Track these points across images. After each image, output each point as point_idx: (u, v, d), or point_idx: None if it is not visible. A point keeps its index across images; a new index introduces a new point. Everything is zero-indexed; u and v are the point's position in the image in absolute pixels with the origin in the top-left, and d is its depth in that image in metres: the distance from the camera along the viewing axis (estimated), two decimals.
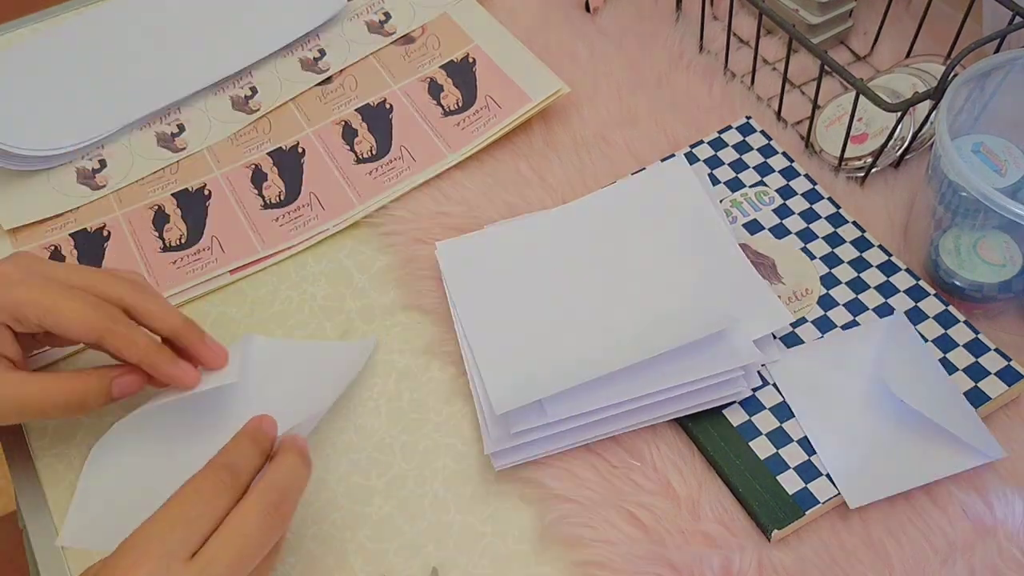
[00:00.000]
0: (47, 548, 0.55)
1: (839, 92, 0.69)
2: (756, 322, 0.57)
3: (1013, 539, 0.50)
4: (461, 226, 0.66)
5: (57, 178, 0.72)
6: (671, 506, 0.53)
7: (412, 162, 0.70)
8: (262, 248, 0.67)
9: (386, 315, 0.64)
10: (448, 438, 0.58)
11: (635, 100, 0.73)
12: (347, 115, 0.74)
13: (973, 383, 0.54)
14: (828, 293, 0.59)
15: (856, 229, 0.62)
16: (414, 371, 0.61)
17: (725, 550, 0.51)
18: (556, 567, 0.52)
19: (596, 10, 0.80)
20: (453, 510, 0.55)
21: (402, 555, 0.53)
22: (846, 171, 0.66)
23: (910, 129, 0.64)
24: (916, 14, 0.73)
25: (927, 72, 0.67)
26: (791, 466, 0.53)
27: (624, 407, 0.54)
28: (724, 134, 0.68)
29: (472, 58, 0.76)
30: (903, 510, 0.52)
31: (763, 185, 0.65)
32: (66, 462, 0.58)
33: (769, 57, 0.74)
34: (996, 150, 0.60)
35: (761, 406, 0.55)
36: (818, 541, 0.51)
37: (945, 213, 0.57)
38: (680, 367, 0.54)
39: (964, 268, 0.58)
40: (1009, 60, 0.57)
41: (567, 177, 0.68)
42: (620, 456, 0.55)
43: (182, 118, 0.76)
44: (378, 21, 0.80)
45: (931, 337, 0.57)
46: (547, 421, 0.53)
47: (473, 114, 0.72)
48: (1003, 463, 0.53)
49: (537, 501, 0.54)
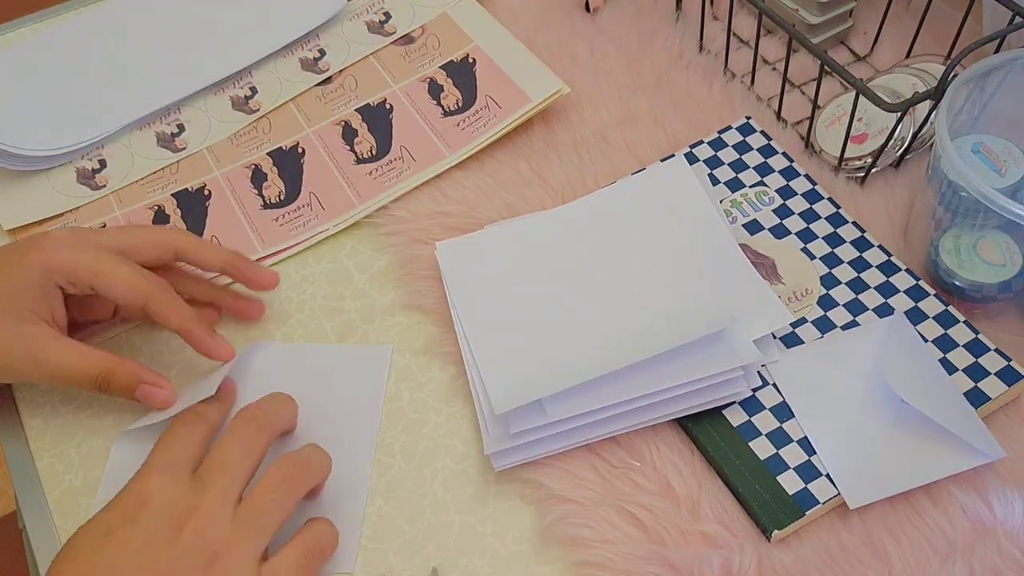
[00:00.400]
0: (47, 548, 0.55)
1: (839, 92, 0.69)
2: (756, 322, 0.57)
3: (1013, 539, 0.50)
4: (461, 226, 0.66)
5: (57, 178, 0.72)
6: (671, 506, 0.53)
7: (412, 162, 0.70)
8: (262, 248, 0.67)
9: (386, 315, 0.64)
10: (448, 438, 0.58)
11: (635, 100, 0.73)
12: (347, 115, 0.74)
13: (973, 383, 0.54)
14: (828, 293, 0.59)
15: (856, 229, 0.62)
16: (414, 371, 0.61)
17: (725, 550, 0.51)
18: (556, 567, 0.52)
19: (596, 10, 0.80)
20: (453, 510, 0.55)
21: (402, 555, 0.53)
22: (846, 171, 0.66)
23: (910, 129, 0.64)
24: (916, 14, 0.73)
25: (927, 72, 0.67)
26: (791, 466, 0.53)
27: (624, 407, 0.54)
28: (724, 134, 0.68)
29: (472, 58, 0.76)
30: (903, 510, 0.52)
31: (763, 185, 0.65)
32: (66, 462, 0.58)
33: (769, 57, 0.74)
34: (996, 150, 0.60)
35: (761, 406, 0.55)
36: (818, 541, 0.51)
37: (945, 213, 0.57)
38: (680, 367, 0.54)
39: (964, 268, 0.58)
40: (1009, 60, 0.57)
41: (567, 177, 0.68)
42: (620, 456, 0.55)
43: (182, 118, 0.76)
44: (378, 21, 0.80)
45: (931, 337, 0.57)
46: (547, 421, 0.53)
47: (473, 114, 0.72)
48: (1003, 463, 0.53)
49: (537, 501, 0.54)
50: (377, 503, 0.55)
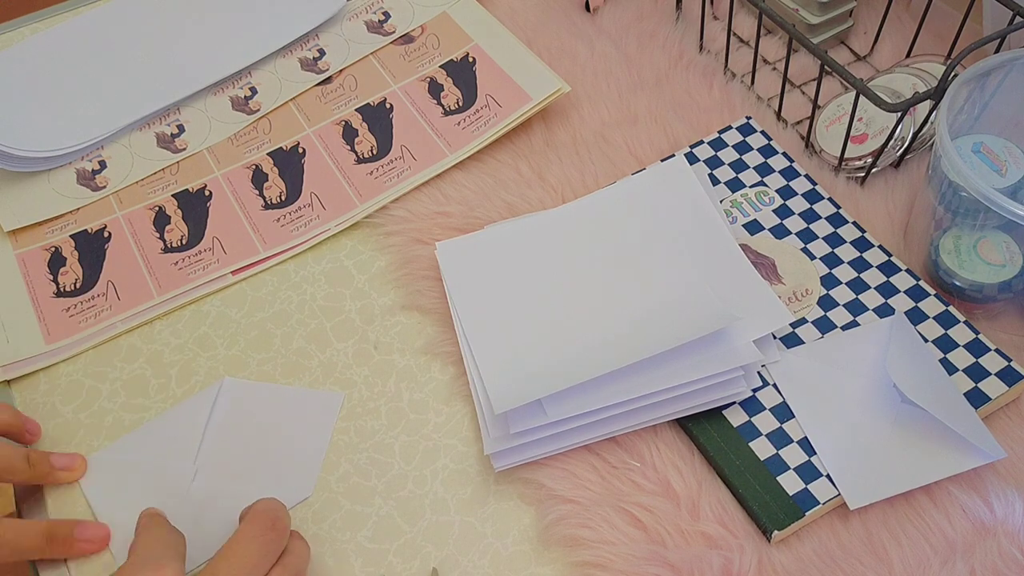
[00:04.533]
0: None
1: (839, 92, 0.69)
2: (756, 322, 0.57)
3: (1013, 539, 0.50)
4: (461, 226, 0.66)
5: (57, 179, 0.72)
6: (671, 507, 0.53)
7: (413, 161, 0.70)
8: (264, 248, 0.67)
9: (386, 315, 0.64)
10: (448, 439, 0.58)
11: (635, 100, 0.72)
12: (347, 115, 0.74)
13: (973, 383, 0.54)
14: (828, 293, 0.59)
15: (856, 229, 0.62)
16: (414, 371, 0.61)
17: (725, 551, 0.51)
18: (556, 567, 0.52)
19: (596, 10, 0.80)
20: (453, 510, 0.55)
21: (402, 555, 0.53)
22: (846, 171, 0.66)
23: (910, 129, 0.64)
24: (916, 14, 0.73)
25: (927, 72, 0.67)
26: (791, 467, 0.53)
27: (624, 407, 0.54)
28: (724, 134, 0.68)
29: (472, 57, 0.76)
30: (903, 511, 0.52)
31: (763, 185, 0.65)
32: None
33: (769, 57, 0.74)
34: (996, 150, 0.60)
35: (761, 407, 0.55)
36: (818, 542, 0.51)
37: (945, 213, 0.57)
38: (680, 367, 0.54)
39: (964, 268, 0.58)
40: (1009, 60, 0.57)
41: (567, 177, 0.68)
42: (620, 456, 0.55)
43: (182, 118, 0.76)
44: (377, 21, 0.80)
45: (931, 337, 0.57)
46: (547, 421, 0.53)
47: (473, 113, 0.72)
48: (1003, 463, 0.53)
49: (537, 501, 0.54)
50: (377, 503, 0.55)
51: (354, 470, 0.57)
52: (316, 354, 0.62)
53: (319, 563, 0.54)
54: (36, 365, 0.63)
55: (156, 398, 0.61)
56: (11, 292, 0.67)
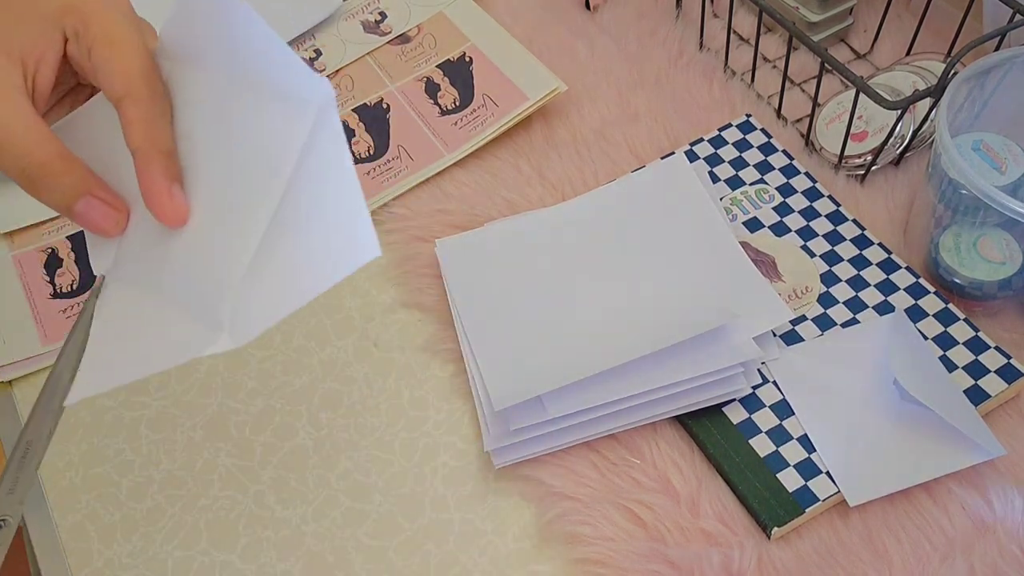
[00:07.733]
0: (47, 546, 0.55)
1: (839, 90, 0.69)
2: (756, 319, 0.57)
3: (1013, 536, 0.50)
4: (461, 224, 0.66)
5: None
6: (671, 503, 0.53)
7: (410, 161, 0.70)
8: None
9: (386, 313, 0.64)
10: (448, 436, 0.58)
11: (635, 98, 0.72)
12: (344, 115, 0.74)
13: (973, 381, 0.54)
14: (828, 291, 0.59)
15: (856, 227, 0.62)
16: (414, 369, 0.61)
17: (725, 548, 0.51)
18: (556, 564, 0.52)
19: (596, 8, 0.80)
20: (453, 507, 0.55)
21: (402, 552, 0.53)
22: (846, 169, 0.66)
23: (910, 127, 0.64)
24: (916, 12, 0.73)
25: (927, 70, 0.67)
26: (791, 464, 0.53)
27: (624, 404, 0.54)
28: (724, 132, 0.68)
29: (468, 57, 0.76)
30: (903, 508, 0.52)
31: (763, 183, 0.65)
32: (66, 460, 0.58)
33: (769, 55, 0.74)
34: (996, 148, 0.60)
35: (761, 404, 0.55)
36: (818, 539, 0.51)
37: (945, 211, 0.57)
38: (680, 364, 0.54)
39: (964, 266, 0.58)
40: (1009, 58, 0.57)
41: (567, 175, 0.68)
42: (620, 453, 0.55)
43: None
44: (374, 21, 0.80)
45: (931, 335, 0.57)
46: (547, 418, 0.53)
47: (470, 113, 0.72)
48: (1003, 460, 0.53)
49: (537, 498, 0.54)
50: (377, 500, 0.55)
51: (354, 467, 0.57)
52: (316, 351, 0.62)
53: (319, 561, 0.54)
54: (32, 367, 0.63)
55: (156, 395, 0.61)
56: (8, 293, 0.67)
